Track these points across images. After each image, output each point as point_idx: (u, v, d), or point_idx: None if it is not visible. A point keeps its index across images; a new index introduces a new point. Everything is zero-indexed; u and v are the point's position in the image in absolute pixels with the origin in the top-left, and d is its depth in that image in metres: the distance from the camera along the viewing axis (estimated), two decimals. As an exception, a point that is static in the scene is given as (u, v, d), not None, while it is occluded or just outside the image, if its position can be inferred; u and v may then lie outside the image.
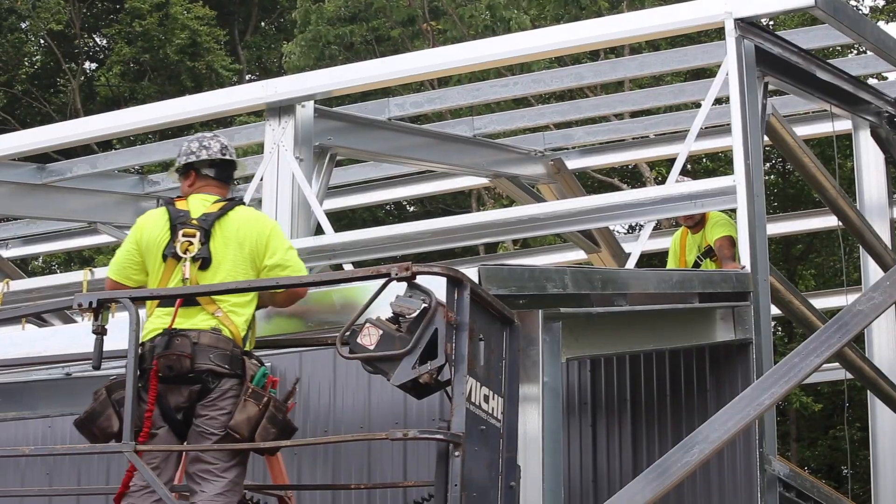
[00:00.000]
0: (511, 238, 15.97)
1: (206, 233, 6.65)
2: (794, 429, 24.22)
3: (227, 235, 6.69)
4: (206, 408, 6.43)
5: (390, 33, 25.26)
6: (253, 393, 6.38)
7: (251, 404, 6.35)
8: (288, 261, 6.74)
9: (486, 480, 6.04)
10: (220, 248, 6.66)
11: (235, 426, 6.34)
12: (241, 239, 6.70)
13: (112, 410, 6.44)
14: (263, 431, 6.34)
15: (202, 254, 6.62)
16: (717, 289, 8.63)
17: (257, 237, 6.73)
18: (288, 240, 6.89)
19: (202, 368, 6.41)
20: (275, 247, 6.74)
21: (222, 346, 6.46)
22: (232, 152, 7.06)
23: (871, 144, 11.74)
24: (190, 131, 20.94)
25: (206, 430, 6.42)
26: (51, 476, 9.48)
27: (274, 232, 6.79)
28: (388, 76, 11.07)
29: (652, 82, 19.14)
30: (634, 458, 8.58)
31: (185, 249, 6.63)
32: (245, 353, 6.55)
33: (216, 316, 6.52)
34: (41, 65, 30.49)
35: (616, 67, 12.90)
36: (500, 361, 6.23)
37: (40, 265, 27.44)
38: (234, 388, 6.44)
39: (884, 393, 10.70)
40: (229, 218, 6.75)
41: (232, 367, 6.46)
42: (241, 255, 6.68)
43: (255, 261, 6.71)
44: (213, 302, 6.53)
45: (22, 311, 9.05)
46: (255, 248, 6.71)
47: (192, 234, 6.66)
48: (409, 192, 15.00)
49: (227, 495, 6.40)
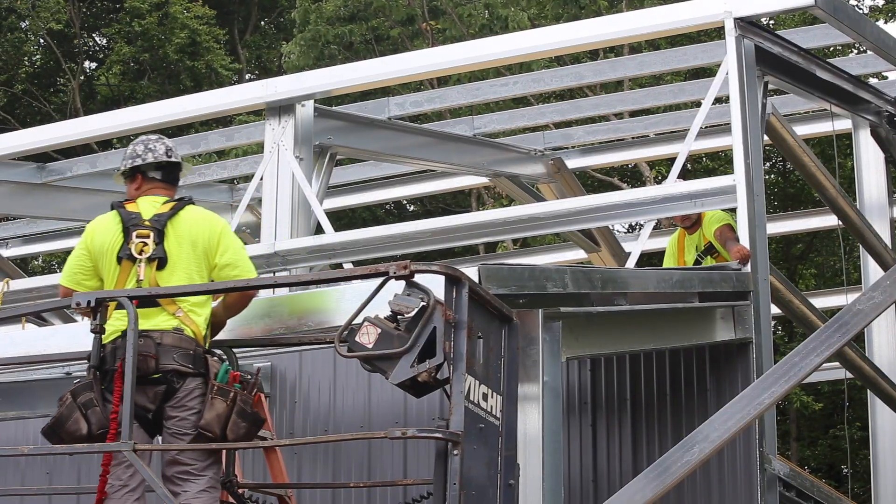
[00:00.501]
0: (511, 237, 15.97)
1: (159, 233, 6.70)
2: (795, 428, 24.21)
3: (180, 234, 6.73)
4: (175, 409, 6.48)
5: (390, 33, 25.25)
6: (219, 390, 6.43)
7: (219, 401, 6.40)
8: (238, 260, 6.79)
9: (485, 478, 6.03)
10: (175, 248, 6.70)
11: (206, 425, 6.39)
12: (193, 237, 6.74)
13: (79, 413, 6.48)
14: (234, 426, 6.40)
15: (157, 254, 6.67)
16: (717, 288, 8.63)
17: (209, 235, 6.77)
18: (239, 241, 6.93)
19: (167, 368, 6.46)
20: (226, 245, 6.79)
21: (185, 345, 6.52)
22: (177, 154, 7.07)
23: (871, 144, 11.74)
24: (189, 130, 20.95)
25: (179, 431, 6.48)
26: (51, 476, 9.49)
27: (225, 231, 6.85)
28: (388, 75, 11.07)
29: (652, 82, 19.13)
30: (634, 457, 8.58)
31: (139, 250, 6.68)
32: (207, 352, 6.61)
33: (177, 316, 6.58)
34: (41, 64, 30.48)
35: (616, 67, 12.90)
36: (498, 359, 6.23)
37: (40, 265, 27.44)
38: (200, 386, 6.50)
39: (884, 392, 10.70)
40: (181, 217, 6.78)
41: (196, 366, 6.51)
42: (195, 254, 6.73)
43: (208, 258, 6.75)
44: (174, 302, 6.59)
45: (22, 310, 9.04)
46: (208, 246, 6.76)
47: (145, 235, 6.69)
48: (408, 192, 15.01)
49: (210, 491, 6.46)
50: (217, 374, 6.49)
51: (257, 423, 6.52)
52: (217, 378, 6.47)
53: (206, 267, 6.74)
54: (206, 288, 6.71)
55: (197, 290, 6.66)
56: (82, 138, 12.33)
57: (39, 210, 13.85)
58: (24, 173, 13.25)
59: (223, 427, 6.38)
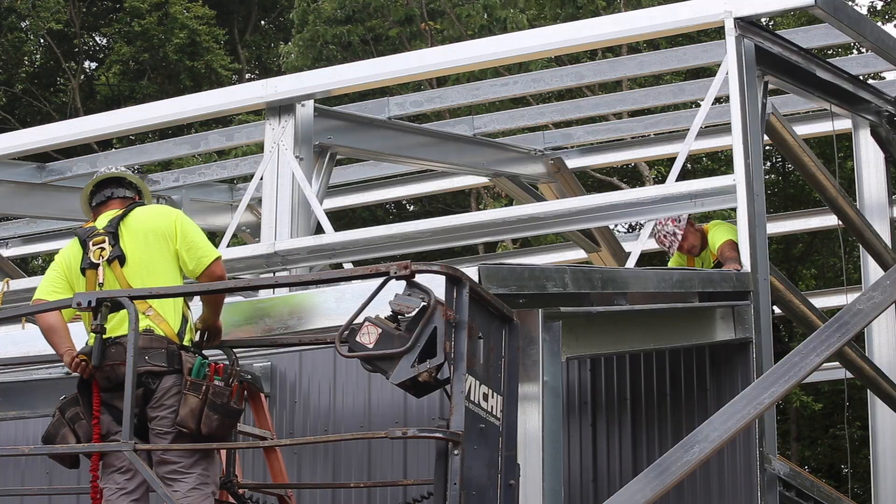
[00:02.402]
0: (511, 237, 15.96)
1: (113, 235, 6.81)
2: (795, 428, 24.22)
3: (134, 230, 6.82)
4: (155, 409, 6.53)
5: (388, 33, 25.25)
6: (192, 385, 6.48)
7: (191, 396, 6.46)
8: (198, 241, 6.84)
9: (486, 479, 6.04)
10: (131, 244, 6.79)
11: (181, 421, 6.45)
12: (147, 229, 6.82)
13: (67, 429, 6.63)
14: (207, 420, 6.44)
15: (115, 253, 6.77)
16: (717, 288, 8.63)
17: (164, 223, 6.85)
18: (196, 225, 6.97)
19: (140, 371, 6.49)
20: (183, 230, 6.85)
21: (156, 345, 6.57)
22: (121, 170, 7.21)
23: (871, 144, 11.74)
24: (189, 130, 20.95)
25: (161, 430, 6.54)
26: (51, 475, 9.48)
27: (179, 217, 6.93)
28: (388, 75, 11.07)
29: (651, 81, 19.13)
30: (634, 457, 8.58)
31: (98, 256, 6.79)
32: (182, 348, 6.64)
33: (147, 315, 6.63)
34: (41, 64, 30.48)
35: (616, 67, 12.90)
36: (499, 360, 6.23)
37: (40, 264, 27.42)
38: (177, 384, 6.55)
39: (884, 392, 10.70)
40: (132, 216, 6.90)
41: (170, 363, 6.57)
42: (156, 244, 6.80)
43: (170, 243, 6.82)
44: (143, 301, 6.63)
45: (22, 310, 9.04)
46: (165, 234, 6.82)
47: (101, 241, 6.82)
48: (408, 192, 15.00)
49: (201, 488, 6.49)
50: (191, 370, 6.53)
51: (230, 415, 6.53)
52: (192, 373, 6.52)
53: (169, 255, 6.80)
54: (207, 288, 6.71)
55: (197, 290, 6.67)
56: (82, 138, 12.33)
57: (39, 210, 13.85)
58: (24, 173, 13.25)
59: (198, 421, 6.43)
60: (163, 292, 6.56)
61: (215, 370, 6.58)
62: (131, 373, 6.33)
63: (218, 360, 6.70)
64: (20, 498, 9.44)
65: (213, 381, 6.51)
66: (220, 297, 6.87)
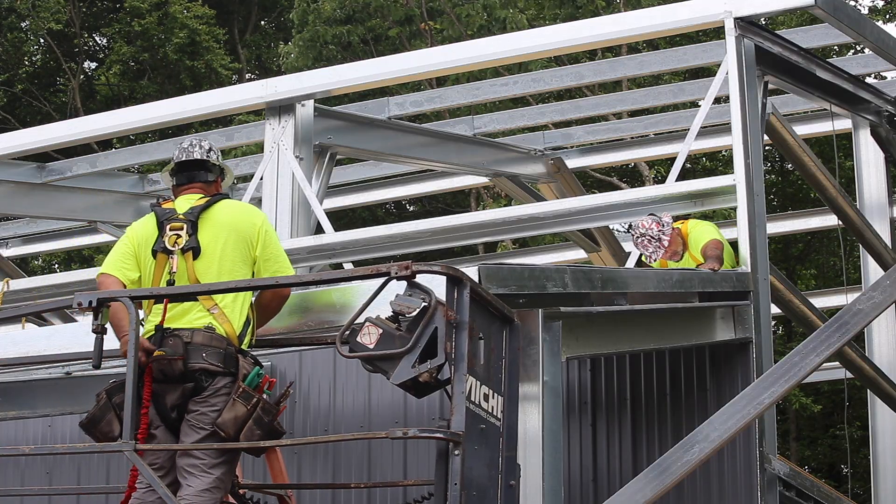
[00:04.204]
0: (511, 237, 15.98)
1: (192, 224, 6.64)
2: (794, 428, 24.22)
3: (216, 225, 6.66)
4: (198, 403, 6.42)
5: (388, 33, 25.26)
6: (243, 393, 6.36)
7: (240, 404, 6.34)
8: (279, 255, 6.73)
9: (486, 479, 6.03)
10: (210, 238, 6.63)
11: (222, 424, 6.33)
12: (231, 226, 6.67)
13: (113, 414, 6.45)
14: (248, 432, 6.33)
15: (191, 244, 6.61)
16: (717, 288, 8.63)
17: (249, 226, 6.71)
18: (276, 234, 6.86)
19: (195, 367, 6.40)
20: (266, 238, 6.72)
21: (216, 344, 6.44)
22: (204, 153, 6.95)
23: (871, 143, 11.74)
24: (189, 130, 20.94)
25: (196, 424, 6.42)
26: (51, 475, 9.48)
27: (265, 223, 6.78)
28: (388, 75, 11.08)
29: (651, 81, 19.14)
30: (634, 457, 8.59)
31: (173, 243, 6.62)
32: (240, 352, 6.53)
33: (212, 312, 6.51)
34: (41, 64, 30.47)
35: (615, 67, 12.90)
36: (499, 360, 6.23)
37: (40, 264, 27.43)
38: (228, 386, 6.42)
39: (884, 392, 10.70)
40: (216, 209, 6.73)
41: (226, 365, 6.44)
42: (236, 243, 6.65)
43: (249, 249, 6.68)
44: (210, 298, 6.51)
45: (22, 310, 9.05)
46: (248, 236, 6.68)
47: (179, 228, 6.64)
48: (408, 192, 15.02)
49: (213, 492, 6.39)
50: (247, 376, 6.44)
51: (273, 435, 6.44)
52: (246, 381, 6.41)
53: (245, 258, 6.65)
54: (206, 289, 6.68)
55: (196, 290, 6.64)
56: (82, 138, 12.34)
57: (39, 210, 13.85)
58: (24, 173, 13.26)
59: (238, 430, 6.32)
60: (163, 293, 6.54)
61: (266, 383, 6.48)
62: (132, 373, 6.28)
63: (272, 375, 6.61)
64: (20, 498, 9.43)
65: (261, 394, 6.41)
66: (275, 309, 6.76)
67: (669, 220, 9.64)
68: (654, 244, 9.59)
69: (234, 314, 6.55)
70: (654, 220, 9.57)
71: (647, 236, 9.59)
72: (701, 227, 9.88)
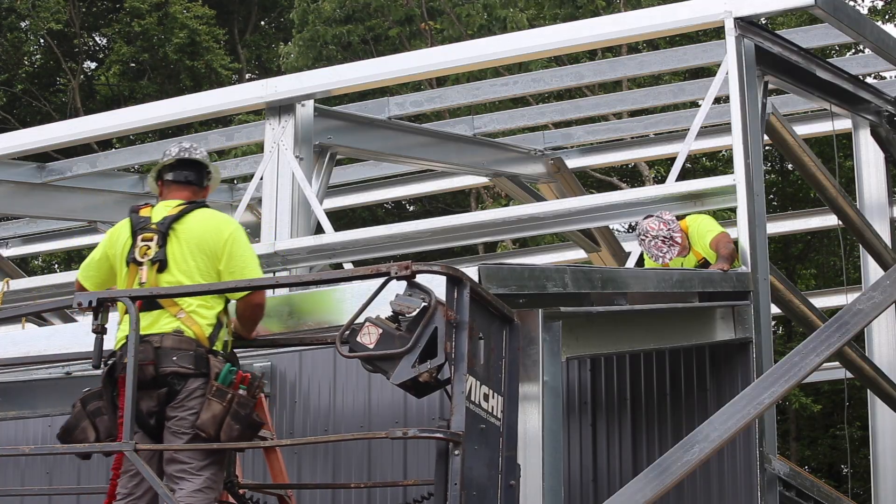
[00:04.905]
0: (511, 237, 15.99)
1: (162, 235, 6.69)
2: (794, 428, 24.22)
3: (185, 237, 6.70)
4: (175, 409, 6.46)
5: (388, 33, 25.27)
6: (217, 391, 6.40)
7: (215, 403, 6.38)
8: (243, 269, 6.72)
9: (486, 479, 6.03)
10: (176, 250, 6.68)
11: (201, 425, 6.37)
12: (199, 240, 6.70)
13: (87, 422, 6.53)
14: (228, 428, 6.37)
15: (158, 256, 6.66)
16: (717, 288, 8.63)
17: (216, 239, 6.72)
18: (250, 247, 6.85)
19: (166, 371, 6.44)
20: (231, 251, 6.72)
21: (185, 346, 6.49)
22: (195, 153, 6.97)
23: (871, 143, 11.75)
24: (189, 130, 20.95)
25: (178, 430, 6.46)
26: (51, 475, 9.48)
27: (233, 236, 6.76)
28: (388, 75, 11.07)
29: (651, 81, 19.14)
30: (634, 457, 8.58)
31: (143, 253, 6.69)
32: (211, 352, 6.56)
33: (178, 318, 6.56)
34: (41, 64, 30.47)
35: (615, 67, 12.90)
36: (499, 360, 6.23)
37: (40, 264, 27.43)
38: (202, 387, 6.46)
39: (884, 392, 10.70)
40: (188, 220, 6.75)
41: (197, 366, 6.48)
42: (201, 256, 6.69)
43: (215, 262, 6.71)
44: (175, 303, 6.57)
45: (22, 310, 9.05)
46: (214, 250, 6.71)
47: (149, 238, 6.70)
48: (408, 191, 15.02)
49: (206, 492, 6.43)
50: (218, 375, 6.48)
51: (252, 427, 6.47)
52: (218, 379, 6.45)
53: (212, 272, 6.69)
54: (206, 288, 6.69)
55: (197, 290, 6.65)
56: (82, 138, 12.33)
57: (39, 210, 13.85)
58: (24, 173, 13.25)
59: (218, 428, 6.36)
60: (163, 292, 6.55)
61: (241, 379, 6.52)
62: (132, 373, 6.31)
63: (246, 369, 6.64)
64: (20, 498, 9.43)
65: (237, 390, 6.45)
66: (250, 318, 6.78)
67: (672, 217, 9.55)
68: (668, 244, 9.48)
69: (203, 318, 6.59)
70: (659, 220, 9.48)
71: (660, 238, 9.46)
72: (701, 221, 9.79)
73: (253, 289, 6.68)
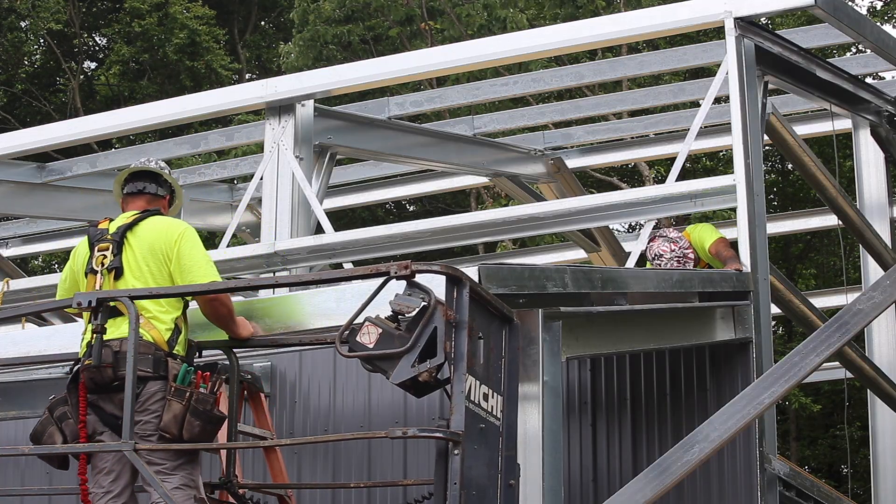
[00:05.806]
0: (511, 237, 15.95)
1: (117, 244, 6.85)
2: (794, 427, 24.23)
3: (137, 244, 6.85)
4: (139, 413, 6.55)
5: (388, 33, 25.27)
6: (176, 391, 6.51)
7: (175, 402, 6.50)
8: (192, 266, 6.81)
9: (486, 479, 6.04)
10: (130, 257, 6.83)
11: (165, 426, 6.49)
12: (150, 246, 6.84)
13: (54, 427, 6.67)
14: (189, 426, 6.47)
15: (113, 264, 6.81)
16: (717, 288, 8.63)
17: (165, 242, 6.84)
18: (200, 247, 6.92)
19: (124, 375, 6.50)
20: (179, 251, 6.83)
21: (143, 350, 6.57)
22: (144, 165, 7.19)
23: (871, 143, 11.74)
24: (189, 130, 20.94)
25: (144, 433, 6.55)
26: (51, 475, 9.47)
27: (182, 237, 6.87)
28: (388, 75, 11.07)
29: (651, 81, 19.13)
30: (634, 457, 8.58)
31: (99, 263, 6.85)
32: (170, 356, 6.65)
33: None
34: (41, 64, 30.48)
35: (615, 67, 12.89)
36: (499, 359, 6.24)
37: (40, 264, 27.44)
38: (161, 389, 6.58)
39: (884, 392, 10.70)
40: (141, 227, 6.91)
41: (155, 369, 6.58)
42: (155, 263, 6.81)
43: (167, 265, 6.83)
44: None
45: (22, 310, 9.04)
46: (165, 254, 6.83)
47: (105, 248, 6.87)
48: (408, 191, 15.01)
49: (184, 489, 6.52)
50: (176, 376, 6.55)
51: (214, 422, 6.54)
52: (176, 380, 6.54)
53: (165, 276, 6.82)
54: (204, 288, 6.71)
55: (195, 290, 6.67)
56: (82, 138, 12.33)
57: (39, 210, 13.85)
58: (24, 173, 13.25)
59: (180, 427, 6.47)
60: (163, 292, 6.57)
61: (201, 378, 6.59)
62: (131, 373, 6.36)
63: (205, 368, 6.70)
64: (20, 498, 9.43)
65: (198, 389, 6.53)
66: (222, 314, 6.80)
67: (677, 234, 9.70)
68: (683, 262, 9.64)
69: (162, 323, 6.69)
70: (668, 241, 9.63)
71: (675, 259, 9.63)
72: (700, 230, 9.92)
73: (252, 288, 6.73)
